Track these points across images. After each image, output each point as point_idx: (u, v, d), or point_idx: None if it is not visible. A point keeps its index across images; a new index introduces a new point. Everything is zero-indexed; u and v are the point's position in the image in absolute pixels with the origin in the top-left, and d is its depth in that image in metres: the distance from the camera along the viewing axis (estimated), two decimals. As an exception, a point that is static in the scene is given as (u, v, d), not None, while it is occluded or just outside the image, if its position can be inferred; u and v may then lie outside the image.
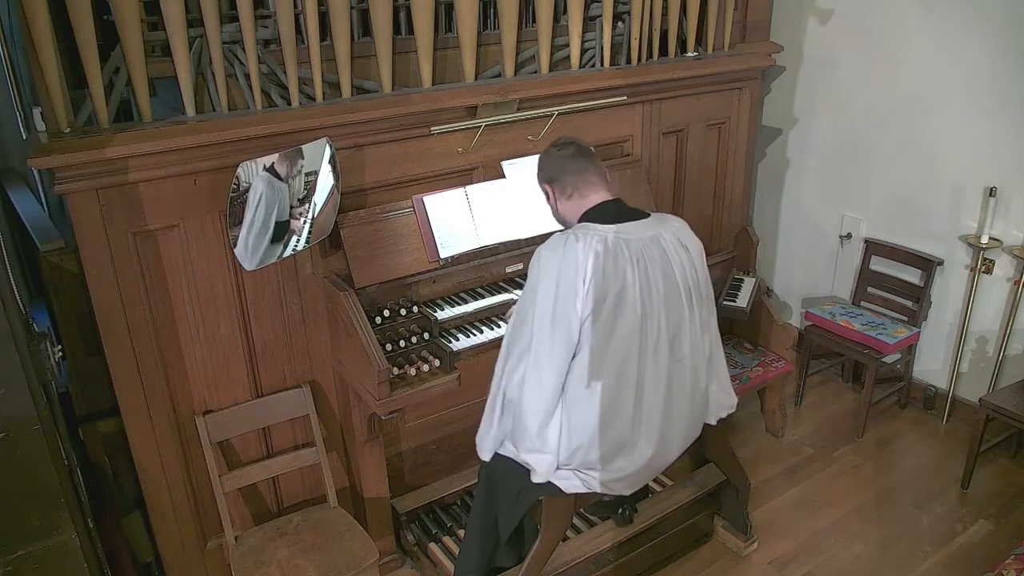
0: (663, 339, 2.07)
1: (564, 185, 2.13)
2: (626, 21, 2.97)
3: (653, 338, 2.05)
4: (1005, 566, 2.34)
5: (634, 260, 2.01)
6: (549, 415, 2.02)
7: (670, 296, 2.07)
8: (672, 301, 2.07)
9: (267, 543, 2.37)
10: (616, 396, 2.03)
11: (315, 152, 2.20)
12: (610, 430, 2.04)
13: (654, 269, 2.04)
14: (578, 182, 2.12)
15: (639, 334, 2.03)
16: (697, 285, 2.14)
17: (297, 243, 2.23)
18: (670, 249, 2.08)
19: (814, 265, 3.94)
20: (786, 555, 2.77)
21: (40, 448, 1.56)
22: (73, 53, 2.07)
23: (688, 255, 2.12)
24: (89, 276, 2.08)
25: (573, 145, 2.16)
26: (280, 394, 2.47)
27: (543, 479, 2.07)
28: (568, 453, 2.04)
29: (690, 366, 2.14)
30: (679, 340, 2.11)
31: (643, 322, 2.03)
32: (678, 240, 2.12)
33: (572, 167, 2.13)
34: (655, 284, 2.03)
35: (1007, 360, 3.27)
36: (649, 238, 2.06)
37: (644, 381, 2.07)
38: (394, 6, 2.45)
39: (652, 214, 2.14)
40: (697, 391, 2.20)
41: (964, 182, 3.25)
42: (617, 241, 2.01)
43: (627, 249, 2.01)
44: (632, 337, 2.02)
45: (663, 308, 2.05)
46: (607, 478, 2.09)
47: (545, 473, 2.06)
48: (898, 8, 3.28)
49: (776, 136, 3.93)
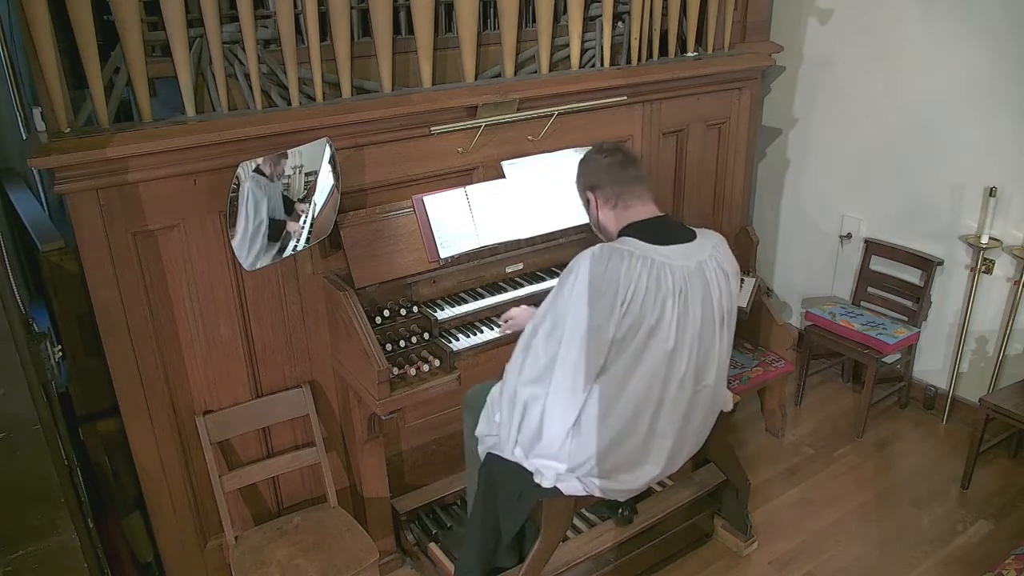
0: (690, 371, 2.02)
1: (608, 195, 2.06)
2: (626, 21, 2.97)
3: (680, 370, 2.01)
4: (1005, 566, 2.34)
5: (676, 291, 1.94)
6: (570, 426, 1.98)
7: (705, 328, 2.02)
8: (706, 332, 2.03)
9: (267, 543, 2.37)
10: (632, 420, 2.00)
11: (315, 152, 2.20)
12: (620, 449, 2.03)
13: (694, 303, 1.97)
14: (624, 192, 2.05)
15: (666, 365, 1.98)
16: (731, 309, 2.09)
17: (297, 243, 2.23)
18: (711, 277, 2.02)
19: (814, 265, 3.94)
20: (786, 555, 2.77)
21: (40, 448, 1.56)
22: (73, 53, 2.07)
23: (727, 280, 2.06)
24: (89, 276, 2.08)
25: (620, 152, 2.08)
26: (280, 394, 2.47)
27: (549, 484, 2.06)
28: (575, 464, 2.03)
29: (711, 390, 2.12)
30: (706, 369, 2.07)
31: (673, 354, 1.97)
32: (719, 265, 2.04)
33: (619, 176, 2.05)
34: (693, 318, 1.98)
35: (1007, 360, 3.27)
36: (694, 266, 1.98)
37: (662, 409, 2.03)
38: (394, 6, 2.45)
39: (697, 233, 2.07)
40: (712, 412, 2.20)
41: (964, 182, 3.25)
42: (662, 267, 1.93)
43: (671, 277, 1.93)
44: (659, 368, 1.97)
45: (696, 342, 2.00)
46: (609, 487, 2.09)
47: (552, 479, 2.05)
48: (898, 8, 3.29)
49: (776, 136, 3.93)
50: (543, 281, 2.69)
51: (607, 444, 2.01)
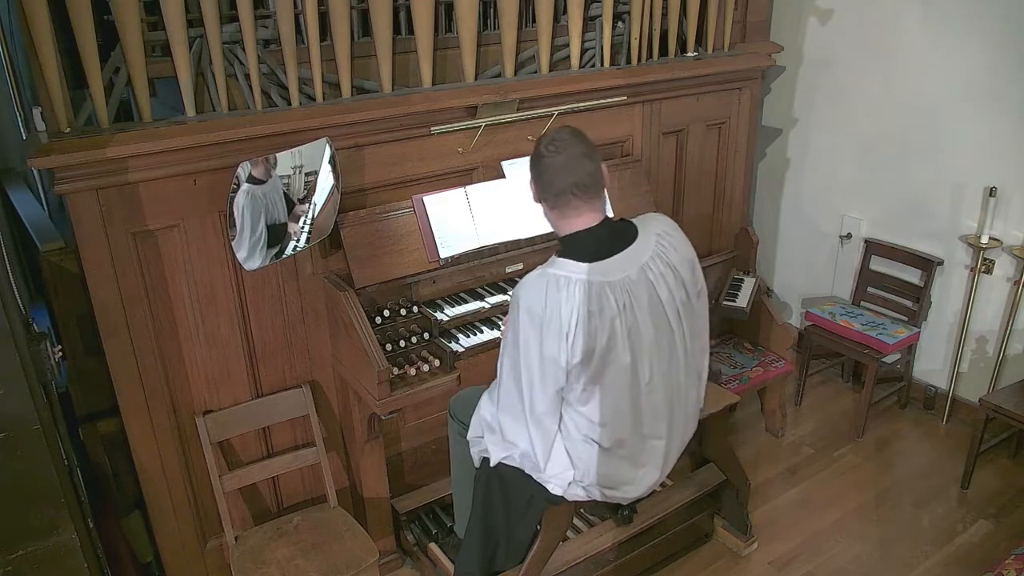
0: (657, 375, 1.98)
1: (546, 197, 1.89)
2: (626, 21, 2.97)
3: (645, 377, 1.96)
4: (1005, 566, 2.34)
5: (620, 307, 1.86)
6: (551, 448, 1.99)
7: (660, 334, 1.95)
8: (662, 335, 1.96)
9: (267, 543, 2.37)
10: (617, 436, 1.99)
11: (315, 152, 2.20)
12: (616, 463, 2.03)
13: (642, 313, 1.90)
14: (559, 202, 1.87)
15: (630, 376, 1.94)
16: (687, 298, 2.00)
17: (297, 243, 2.23)
18: (656, 279, 1.92)
19: (814, 265, 3.94)
20: (786, 555, 2.77)
21: (40, 448, 1.56)
22: (73, 53, 2.07)
23: (674, 274, 1.95)
24: (89, 276, 2.08)
25: (565, 153, 1.83)
26: (280, 394, 2.47)
27: (561, 492, 2.06)
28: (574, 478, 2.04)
29: (686, 386, 2.09)
30: (673, 367, 2.02)
31: (634, 364, 1.93)
32: (663, 261, 1.93)
33: (556, 183, 1.84)
34: (644, 328, 1.91)
35: (1007, 360, 3.27)
36: (635, 273, 1.88)
37: (642, 418, 2.01)
38: (394, 6, 2.45)
39: (638, 230, 1.95)
40: (694, 404, 2.18)
41: (964, 182, 3.25)
42: (601, 288, 1.83)
43: (612, 296, 1.85)
44: (623, 381, 1.93)
45: (654, 348, 1.95)
46: (613, 495, 2.10)
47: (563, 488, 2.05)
48: (898, 8, 3.29)
49: (776, 136, 3.93)
50: (543, 281, 2.68)
51: (600, 462, 2.00)
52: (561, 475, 2.03)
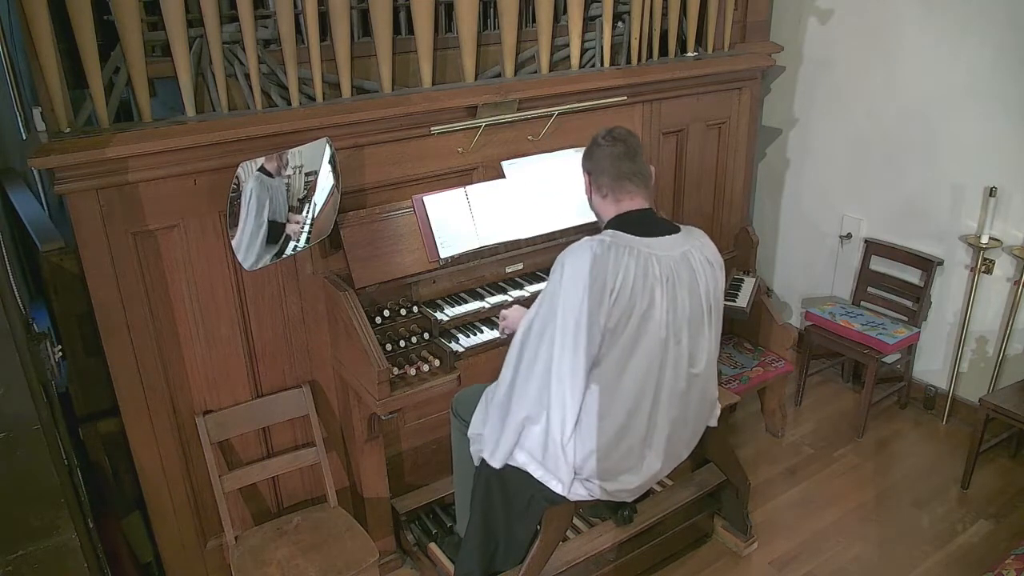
0: (683, 359, 2.04)
1: (601, 184, 2.07)
2: (626, 21, 2.97)
3: (673, 358, 2.02)
4: (1005, 566, 2.35)
5: (664, 279, 1.96)
6: (574, 426, 1.99)
7: (694, 316, 2.04)
8: (695, 320, 2.05)
9: (267, 543, 2.37)
10: (631, 413, 2.01)
11: (315, 152, 2.20)
12: (622, 443, 2.04)
13: (682, 290, 2.00)
14: (615, 187, 2.05)
15: (660, 354, 2.00)
16: (718, 300, 2.11)
17: (297, 243, 2.23)
18: (698, 266, 2.04)
19: (814, 265, 3.94)
20: (786, 555, 2.77)
21: (40, 448, 1.56)
22: (73, 53, 2.07)
23: (713, 271, 2.08)
24: (89, 276, 2.08)
25: (623, 143, 2.05)
26: (280, 394, 2.47)
27: (564, 491, 2.06)
28: (579, 463, 2.04)
29: (703, 379, 2.13)
30: (697, 357, 2.09)
31: (666, 343, 1.99)
32: (704, 257, 2.07)
33: (615, 170, 2.04)
34: (682, 306, 2.00)
35: (1007, 360, 3.27)
36: (679, 255, 2.01)
37: (660, 399, 2.05)
38: (394, 6, 2.45)
39: (681, 228, 2.09)
40: (706, 402, 2.21)
41: (964, 182, 3.25)
42: (648, 257, 1.95)
43: (657, 267, 1.95)
44: (653, 357, 1.99)
45: (686, 329, 2.02)
46: (613, 488, 2.10)
47: (567, 485, 2.05)
48: (898, 8, 3.29)
49: (776, 136, 3.93)
50: (543, 281, 2.67)
51: (608, 440, 2.01)
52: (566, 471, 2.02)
